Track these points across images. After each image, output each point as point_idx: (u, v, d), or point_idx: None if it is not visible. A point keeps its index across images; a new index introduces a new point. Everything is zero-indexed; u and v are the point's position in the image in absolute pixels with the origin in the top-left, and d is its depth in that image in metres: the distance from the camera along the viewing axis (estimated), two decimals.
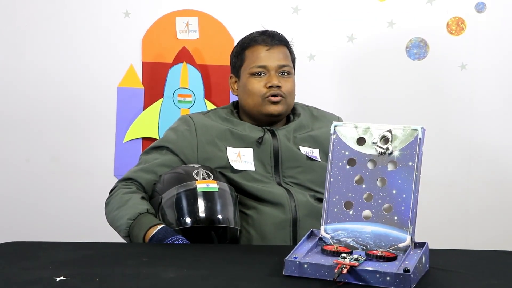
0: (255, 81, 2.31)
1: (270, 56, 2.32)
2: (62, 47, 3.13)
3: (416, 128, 1.65)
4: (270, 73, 2.31)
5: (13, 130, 3.15)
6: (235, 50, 2.39)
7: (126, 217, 2.07)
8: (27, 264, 1.67)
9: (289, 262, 1.58)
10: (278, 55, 2.33)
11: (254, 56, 2.33)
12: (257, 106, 2.31)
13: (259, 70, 2.31)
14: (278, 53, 2.33)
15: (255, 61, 2.32)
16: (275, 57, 2.32)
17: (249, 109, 2.33)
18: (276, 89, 2.29)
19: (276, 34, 2.37)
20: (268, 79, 2.30)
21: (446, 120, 3.16)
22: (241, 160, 2.24)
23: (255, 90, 2.30)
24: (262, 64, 2.31)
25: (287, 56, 2.35)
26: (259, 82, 2.31)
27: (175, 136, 2.30)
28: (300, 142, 2.30)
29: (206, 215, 2.05)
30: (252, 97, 2.31)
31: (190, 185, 2.08)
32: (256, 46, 2.34)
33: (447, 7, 3.12)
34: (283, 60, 2.33)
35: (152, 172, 2.23)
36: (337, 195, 1.69)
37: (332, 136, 1.71)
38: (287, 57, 2.35)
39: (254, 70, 2.31)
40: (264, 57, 2.32)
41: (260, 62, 2.32)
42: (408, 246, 1.62)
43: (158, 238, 1.99)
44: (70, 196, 3.17)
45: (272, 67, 2.31)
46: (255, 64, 2.32)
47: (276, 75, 2.30)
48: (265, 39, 2.34)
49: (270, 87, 2.29)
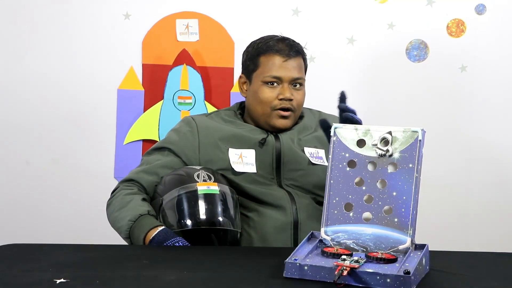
0: (267, 90, 2.27)
1: (286, 68, 2.27)
2: (62, 49, 3.13)
3: (416, 130, 1.66)
4: (284, 85, 2.27)
5: (13, 133, 3.16)
6: (250, 52, 2.33)
7: (127, 218, 2.07)
8: (27, 266, 1.67)
9: (290, 264, 1.58)
10: (294, 67, 2.28)
11: (270, 65, 2.28)
12: (265, 116, 2.29)
13: (273, 80, 2.27)
14: (294, 65, 2.28)
15: (270, 70, 2.27)
16: (291, 69, 2.27)
17: (257, 116, 2.31)
18: (287, 102, 2.26)
19: (294, 44, 2.32)
20: (281, 91, 2.26)
21: (446, 122, 3.16)
22: (243, 162, 2.23)
23: (266, 100, 2.27)
24: (277, 75, 2.26)
25: (301, 67, 2.31)
26: (271, 93, 2.27)
27: (177, 138, 2.29)
28: (305, 144, 2.30)
29: (206, 217, 2.05)
30: (262, 105, 2.29)
31: (191, 187, 2.08)
32: (273, 55, 2.28)
33: (447, 9, 3.12)
34: (297, 72, 2.28)
35: (154, 174, 2.23)
36: (337, 197, 1.69)
37: (332, 138, 1.71)
38: (301, 69, 2.31)
39: (268, 79, 2.27)
40: (280, 68, 2.27)
41: (275, 73, 2.27)
42: (408, 248, 1.62)
43: (158, 240, 1.99)
44: (71, 198, 3.17)
45: (286, 79, 2.27)
46: (270, 74, 2.27)
47: (289, 87, 2.27)
48: (283, 49, 2.28)
49: (281, 99, 2.26)
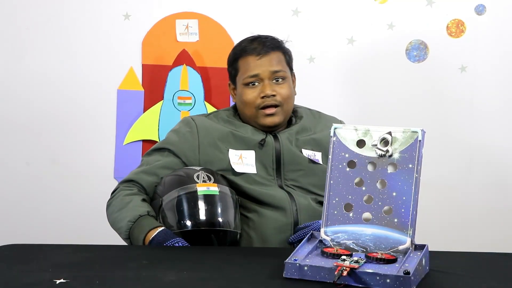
0: (249, 91, 2.28)
1: (261, 64, 2.27)
2: (62, 50, 3.13)
3: (416, 130, 1.66)
4: (264, 82, 2.27)
5: (13, 133, 3.16)
6: (230, 58, 2.35)
7: (127, 219, 2.07)
8: (27, 266, 1.67)
9: (289, 265, 1.58)
10: (270, 62, 2.28)
11: (246, 66, 2.29)
12: (254, 117, 2.28)
13: (252, 80, 2.27)
14: (270, 60, 2.28)
15: (247, 71, 2.28)
16: (267, 64, 2.27)
17: (247, 118, 2.31)
18: (270, 99, 2.26)
19: (267, 39, 2.32)
20: (261, 89, 2.26)
21: (446, 122, 3.16)
22: (243, 162, 2.23)
23: (249, 101, 2.27)
24: (254, 73, 2.27)
25: (280, 60, 2.30)
26: (253, 93, 2.27)
27: (177, 138, 2.29)
28: (303, 145, 2.29)
29: (206, 218, 2.05)
30: (247, 107, 2.29)
31: (190, 187, 2.08)
32: (247, 56, 2.29)
33: (447, 10, 3.12)
34: (275, 65, 2.28)
35: (154, 174, 2.23)
36: (337, 197, 1.69)
37: (332, 139, 1.71)
38: (280, 62, 2.30)
39: (247, 80, 2.28)
40: (256, 66, 2.27)
41: (251, 72, 2.27)
42: (408, 248, 1.62)
43: (158, 240, 1.99)
44: (70, 199, 3.17)
45: (265, 75, 2.27)
46: (247, 75, 2.28)
47: (270, 83, 2.26)
48: (255, 48, 2.29)
49: (263, 97, 2.26)
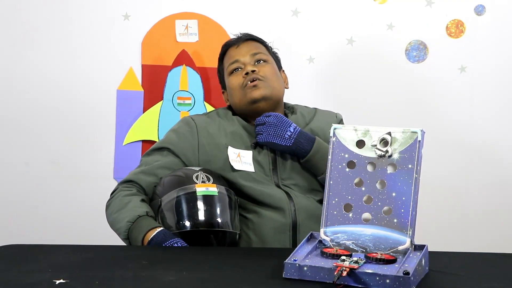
0: (233, 77, 2.35)
1: (240, 51, 2.37)
2: (61, 50, 3.13)
3: (416, 130, 1.66)
4: (246, 64, 2.35)
5: (12, 133, 3.15)
6: (218, 65, 2.46)
7: (126, 219, 2.07)
8: (26, 267, 1.67)
9: (289, 265, 1.58)
10: (248, 47, 2.38)
11: (227, 58, 2.39)
12: (242, 99, 2.33)
13: (234, 66, 2.35)
14: (248, 46, 2.38)
15: (228, 61, 2.38)
16: (245, 49, 2.37)
17: (239, 107, 2.34)
18: (251, 74, 2.31)
19: (245, 34, 2.44)
20: (243, 70, 2.34)
21: (445, 123, 3.16)
22: (241, 160, 2.24)
23: (235, 85, 2.33)
24: (234, 59, 2.36)
25: (258, 46, 2.40)
26: (237, 76, 2.34)
27: (177, 138, 2.30)
28: None
29: (205, 218, 2.05)
30: (235, 92, 2.34)
31: (189, 188, 2.08)
32: (228, 49, 2.41)
33: (446, 10, 3.12)
34: (254, 49, 2.37)
35: (153, 175, 2.23)
36: (336, 198, 1.69)
37: (332, 139, 1.71)
38: (259, 48, 2.39)
39: (230, 68, 2.36)
40: (235, 53, 2.37)
41: (232, 58, 2.37)
42: (407, 249, 1.62)
43: (156, 241, 1.99)
44: (70, 199, 3.17)
45: (245, 59, 2.35)
46: (229, 63, 2.37)
47: (251, 63, 2.34)
48: (233, 40, 2.42)
49: (246, 74, 2.32)
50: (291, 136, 2.19)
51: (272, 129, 2.20)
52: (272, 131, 2.20)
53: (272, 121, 2.21)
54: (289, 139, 2.19)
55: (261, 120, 2.23)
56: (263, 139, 2.21)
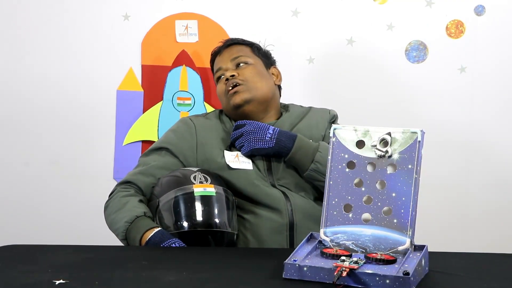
0: (219, 85, 2.39)
1: (222, 58, 2.41)
2: (61, 50, 3.13)
3: (416, 131, 1.66)
4: (227, 71, 2.38)
5: (12, 133, 3.15)
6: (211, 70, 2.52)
7: (124, 220, 2.08)
8: (26, 267, 1.67)
9: (289, 265, 1.58)
10: (229, 52, 2.41)
11: (214, 66, 2.45)
12: (227, 106, 2.38)
13: (218, 74, 2.40)
14: (229, 51, 2.42)
15: (215, 69, 2.44)
16: (227, 55, 2.41)
17: (227, 112, 2.39)
18: (231, 79, 2.33)
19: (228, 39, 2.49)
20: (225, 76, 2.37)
21: (445, 123, 3.16)
22: (239, 160, 2.24)
23: (220, 93, 2.38)
24: (217, 67, 2.41)
25: (241, 50, 2.41)
26: (221, 84, 2.38)
27: (175, 138, 2.30)
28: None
29: (203, 219, 2.05)
30: (221, 100, 2.40)
31: (187, 188, 2.09)
32: (214, 58, 2.46)
33: (446, 10, 3.12)
34: (235, 53, 2.40)
35: (151, 175, 2.24)
36: (336, 198, 1.69)
37: (332, 139, 1.71)
38: (240, 51, 2.41)
39: (215, 76, 2.42)
40: (218, 60, 2.42)
41: (216, 67, 2.42)
42: (407, 249, 1.62)
43: (154, 241, 1.99)
44: (70, 199, 3.17)
45: (226, 65, 2.38)
46: (215, 71, 2.43)
47: (231, 69, 2.37)
48: (217, 48, 2.47)
49: (226, 80, 2.34)
50: (272, 138, 2.20)
51: (252, 135, 2.20)
52: (252, 137, 2.20)
53: (249, 129, 2.21)
54: (270, 141, 2.20)
55: (238, 133, 2.23)
56: (246, 149, 2.21)
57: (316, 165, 2.18)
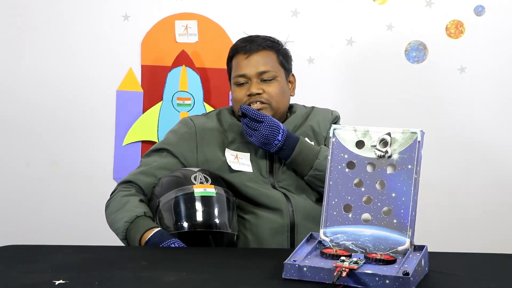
0: (238, 90, 2.30)
1: (248, 64, 2.29)
2: (61, 50, 3.14)
3: (416, 131, 1.66)
4: (252, 81, 2.28)
5: (12, 134, 3.16)
6: (228, 57, 2.38)
7: (124, 220, 2.08)
8: (26, 267, 1.67)
9: (289, 265, 1.58)
10: (257, 62, 2.30)
11: (236, 65, 2.32)
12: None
13: (240, 80, 2.29)
14: (258, 59, 2.30)
15: (236, 70, 2.31)
16: (254, 64, 2.29)
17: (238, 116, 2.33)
18: (255, 97, 2.27)
19: (258, 39, 2.34)
20: (248, 87, 2.28)
21: (445, 123, 3.16)
22: (239, 162, 2.24)
23: (237, 99, 2.30)
24: (241, 73, 2.29)
25: (269, 60, 2.31)
26: (241, 91, 2.29)
27: (175, 139, 2.30)
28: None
29: (203, 219, 2.05)
30: (236, 105, 2.30)
31: (188, 189, 2.09)
32: (237, 55, 2.32)
33: (446, 10, 3.12)
34: (262, 66, 2.29)
35: (152, 175, 2.24)
36: (336, 198, 1.69)
37: (331, 139, 1.71)
38: (268, 62, 2.31)
39: (236, 80, 2.30)
40: (243, 65, 2.30)
41: (239, 71, 2.30)
42: (407, 249, 1.62)
43: (154, 241, 1.99)
44: (70, 199, 3.17)
45: (252, 75, 2.28)
46: (236, 74, 2.31)
47: (257, 82, 2.28)
48: (244, 47, 2.31)
49: (249, 95, 2.28)
50: (277, 145, 2.19)
51: (262, 139, 2.18)
52: (261, 140, 2.19)
53: (264, 132, 2.17)
54: (275, 147, 2.19)
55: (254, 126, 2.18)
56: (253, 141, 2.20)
57: (314, 172, 2.19)
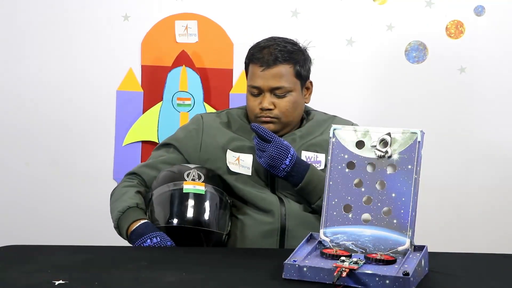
0: (251, 99, 2.27)
1: (263, 77, 2.24)
2: (61, 51, 3.14)
3: (416, 131, 1.66)
4: (265, 94, 2.25)
5: (12, 134, 3.16)
6: (246, 57, 2.32)
7: (117, 209, 2.13)
8: (26, 267, 1.67)
9: (289, 266, 1.58)
10: (272, 77, 2.24)
11: (251, 74, 2.27)
12: (252, 120, 2.29)
13: (254, 91, 2.26)
14: (273, 75, 2.24)
15: (250, 80, 2.27)
16: (269, 78, 2.24)
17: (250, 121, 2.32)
18: (267, 112, 2.24)
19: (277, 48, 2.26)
20: (262, 100, 2.25)
21: (445, 123, 3.16)
22: (239, 164, 2.24)
23: (250, 108, 2.28)
24: (255, 85, 2.25)
25: (284, 75, 2.25)
26: (254, 101, 2.26)
27: (183, 135, 2.32)
28: (305, 148, 2.27)
29: (189, 216, 2.06)
30: (249, 112, 2.30)
31: (178, 184, 2.11)
32: (254, 64, 2.26)
33: (446, 11, 3.12)
34: (277, 81, 2.23)
35: (155, 169, 2.26)
36: (336, 198, 1.69)
37: (331, 140, 1.71)
38: (283, 77, 2.24)
39: (250, 89, 2.27)
40: (258, 78, 2.24)
41: (254, 83, 2.25)
42: (407, 249, 1.62)
43: (138, 232, 2.02)
44: (70, 200, 3.17)
45: (265, 88, 2.24)
46: (251, 84, 2.27)
47: (270, 96, 2.24)
48: (263, 58, 2.24)
49: (261, 109, 2.25)
50: (285, 169, 2.15)
51: (269, 160, 2.14)
52: (268, 161, 2.15)
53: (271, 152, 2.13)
54: (282, 171, 2.15)
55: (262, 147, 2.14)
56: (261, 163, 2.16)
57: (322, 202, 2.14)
